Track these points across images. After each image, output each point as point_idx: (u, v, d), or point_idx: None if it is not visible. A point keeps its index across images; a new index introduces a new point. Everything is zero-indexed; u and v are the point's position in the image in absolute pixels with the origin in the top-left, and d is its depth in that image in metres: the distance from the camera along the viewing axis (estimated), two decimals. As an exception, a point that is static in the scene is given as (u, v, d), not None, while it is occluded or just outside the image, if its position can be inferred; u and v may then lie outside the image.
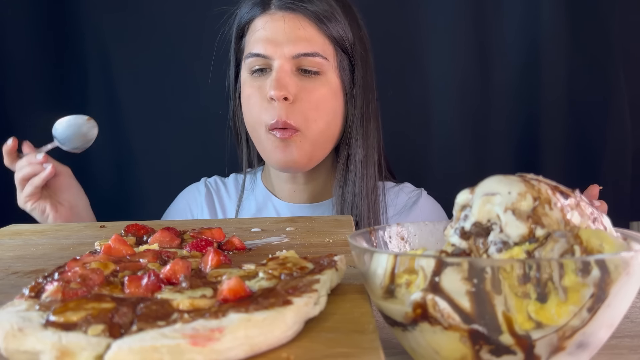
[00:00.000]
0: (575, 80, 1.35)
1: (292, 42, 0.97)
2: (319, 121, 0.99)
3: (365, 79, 1.04)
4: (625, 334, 0.53)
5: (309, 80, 0.98)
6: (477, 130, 1.38)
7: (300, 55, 0.97)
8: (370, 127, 1.04)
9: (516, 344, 0.39)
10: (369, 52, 1.06)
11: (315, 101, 0.98)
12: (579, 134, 1.37)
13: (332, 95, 1.01)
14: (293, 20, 0.98)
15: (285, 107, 0.96)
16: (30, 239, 0.71)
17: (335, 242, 0.65)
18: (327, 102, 1.00)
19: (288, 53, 0.97)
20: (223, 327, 0.33)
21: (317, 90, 0.98)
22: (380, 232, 0.53)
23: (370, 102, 1.04)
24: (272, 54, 0.97)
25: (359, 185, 1.01)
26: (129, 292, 0.41)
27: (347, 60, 1.02)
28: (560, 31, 1.34)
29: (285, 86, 0.96)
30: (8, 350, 0.34)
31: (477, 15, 1.36)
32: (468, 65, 1.37)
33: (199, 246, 0.56)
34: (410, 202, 1.11)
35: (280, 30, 0.97)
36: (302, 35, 0.97)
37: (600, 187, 0.86)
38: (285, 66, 0.97)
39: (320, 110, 0.99)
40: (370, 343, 0.34)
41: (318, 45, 0.98)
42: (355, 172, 1.02)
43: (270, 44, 0.98)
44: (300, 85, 0.97)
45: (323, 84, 0.99)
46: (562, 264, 0.38)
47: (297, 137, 0.98)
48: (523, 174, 0.45)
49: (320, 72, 0.99)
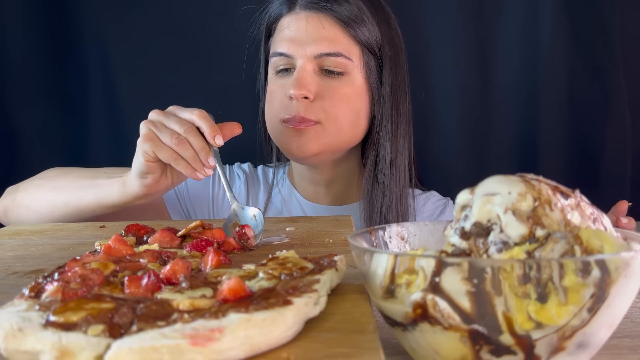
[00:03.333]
0: (575, 80, 1.35)
1: (314, 42, 0.96)
2: (339, 118, 0.98)
3: (395, 81, 1.02)
4: (625, 334, 0.53)
5: (332, 80, 0.98)
6: (477, 130, 1.38)
7: (323, 55, 0.96)
8: (400, 131, 1.02)
9: (516, 344, 0.39)
10: (401, 53, 1.04)
11: (337, 99, 0.98)
12: (579, 134, 1.37)
13: (357, 95, 1.00)
14: (316, 20, 0.97)
15: (304, 105, 0.96)
16: (30, 239, 0.72)
17: (335, 242, 0.65)
18: (350, 101, 0.99)
19: (310, 53, 0.96)
20: (223, 327, 0.33)
21: (340, 89, 0.98)
22: (380, 232, 0.53)
23: (400, 104, 1.03)
24: (295, 53, 0.97)
25: (388, 190, 1.00)
26: (129, 292, 0.41)
27: (375, 61, 1.01)
28: (561, 32, 1.34)
29: (306, 85, 0.96)
30: (8, 350, 0.34)
31: (477, 16, 1.36)
32: (468, 66, 1.37)
33: (199, 246, 0.56)
34: (437, 211, 1.11)
35: (303, 29, 0.97)
36: (325, 35, 0.97)
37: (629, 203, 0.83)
38: (307, 66, 0.97)
39: (342, 108, 0.98)
40: (370, 343, 0.34)
41: (341, 45, 0.97)
42: (384, 176, 1.01)
43: (293, 43, 0.98)
44: (322, 85, 0.97)
45: (347, 84, 0.98)
46: (562, 264, 0.38)
47: (314, 129, 0.97)
48: (523, 174, 0.45)
49: (344, 73, 0.98)
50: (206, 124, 0.77)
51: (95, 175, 0.94)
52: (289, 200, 1.12)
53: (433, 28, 1.37)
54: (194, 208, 1.11)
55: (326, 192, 1.10)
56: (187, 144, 0.76)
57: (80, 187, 0.92)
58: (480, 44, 1.37)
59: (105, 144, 1.40)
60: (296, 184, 1.12)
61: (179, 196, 1.11)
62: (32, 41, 1.37)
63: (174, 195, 1.10)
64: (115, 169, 0.94)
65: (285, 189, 1.13)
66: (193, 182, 1.11)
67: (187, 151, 0.76)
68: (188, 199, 1.11)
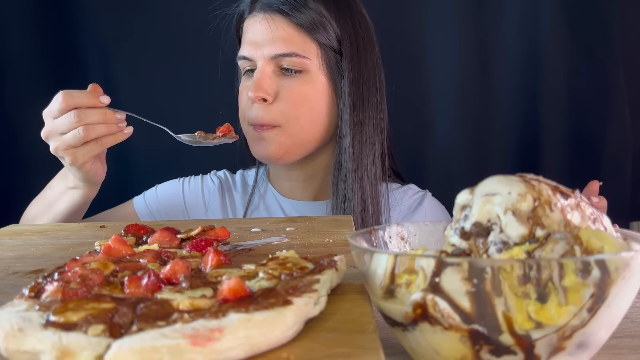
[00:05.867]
0: (575, 81, 1.35)
1: (270, 43, 0.98)
2: (300, 118, 0.99)
3: (359, 76, 1.01)
4: (625, 334, 0.53)
5: (290, 80, 0.99)
6: (477, 130, 1.38)
7: (279, 56, 0.98)
8: (366, 125, 1.02)
9: (516, 344, 0.39)
10: (368, 46, 1.04)
11: (295, 99, 0.98)
12: (579, 134, 1.37)
13: (318, 93, 1.00)
14: (272, 21, 0.99)
15: (263, 108, 0.99)
16: (30, 239, 0.71)
17: (335, 242, 0.65)
18: (310, 100, 1.00)
19: (267, 54, 0.98)
20: (223, 327, 0.33)
21: (298, 88, 0.99)
22: (380, 232, 0.53)
23: (366, 98, 1.02)
24: (254, 55, 1.00)
25: (350, 184, 1.00)
26: (129, 292, 0.41)
27: (336, 58, 1.01)
28: (560, 31, 1.34)
29: (264, 87, 0.98)
30: (8, 350, 0.34)
31: (477, 15, 1.36)
32: (468, 65, 1.37)
33: (199, 246, 0.56)
34: (415, 204, 1.11)
35: (260, 32, 0.99)
36: (280, 36, 0.98)
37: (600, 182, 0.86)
38: (265, 67, 0.99)
39: (301, 108, 0.99)
40: (370, 343, 0.34)
41: (296, 45, 0.98)
42: (347, 171, 1.01)
43: (252, 45, 1.00)
44: (281, 85, 0.99)
45: (305, 82, 0.99)
46: (562, 264, 0.38)
47: (274, 132, 0.99)
48: (523, 174, 0.45)
49: (302, 71, 0.99)
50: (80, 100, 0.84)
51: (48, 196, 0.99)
52: (267, 198, 1.13)
53: (433, 28, 1.37)
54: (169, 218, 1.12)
55: (303, 188, 1.11)
56: (90, 126, 0.84)
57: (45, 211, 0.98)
58: (480, 44, 1.37)
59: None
60: (273, 182, 1.14)
61: (152, 212, 1.13)
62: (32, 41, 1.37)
63: (147, 212, 1.13)
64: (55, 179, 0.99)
65: (263, 188, 1.15)
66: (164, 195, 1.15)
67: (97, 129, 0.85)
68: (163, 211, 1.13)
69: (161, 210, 1.13)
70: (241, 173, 1.20)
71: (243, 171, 1.20)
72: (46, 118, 0.87)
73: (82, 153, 0.86)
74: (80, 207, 0.97)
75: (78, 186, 0.93)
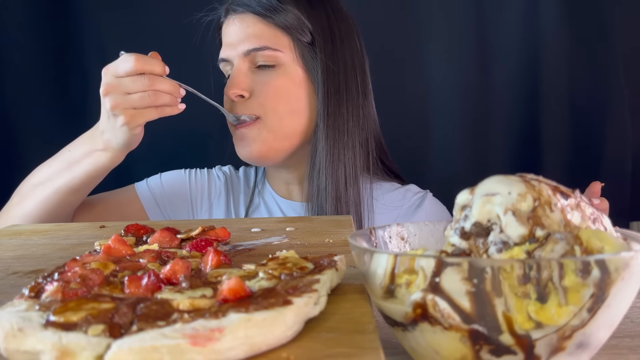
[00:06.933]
0: (575, 80, 1.35)
1: (242, 41, 1.00)
2: (278, 109, 1.00)
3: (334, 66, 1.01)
4: (625, 334, 0.53)
5: (265, 74, 1.00)
6: (477, 130, 1.38)
7: (251, 51, 1.00)
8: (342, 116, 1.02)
9: (516, 344, 0.39)
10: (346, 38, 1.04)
11: (271, 92, 1.00)
12: (579, 134, 1.37)
13: (294, 85, 1.01)
14: (241, 20, 1.02)
15: (241, 103, 1.00)
16: (30, 239, 0.71)
17: (335, 242, 0.65)
18: (287, 92, 1.01)
19: (240, 51, 1.00)
20: (223, 327, 0.33)
21: (273, 82, 1.00)
22: (380, 232, 0.53)
23: (342, 90, 1.02)
24: (229, 56, 1.02)
25: (324, 175, 1.00)
26: (129, 292, 0.41)
27: (310, 50, 1.02)
28: (560, 31, 1.34)
29: (238, 84, 0.99)
30: (8, 350, 0.34)
31: (477, 15, 1.36)
32: (468, 65, 1.37)
33: (199, 246, 0.56)
34: (415, 204, 1.10)
35: (233, 32, 1.02)
36: (250, 32, 1.00)
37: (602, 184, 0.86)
38: (241, 65, 1.01)
39: (279, 99, 1.00)
40: (370, 343, 0.34)
41: (267, 39, 1.00)
42: (320, 162, 1.01)
43: (228, 47, 1.03)
44: (256, 80, 1.00)
45: (280, 75, 1.00)
46: (562, 264, 0.38)
47: (256, 127, 1.00)
48: (523, 174, 0.45)
49: (276, 65, 1.00)
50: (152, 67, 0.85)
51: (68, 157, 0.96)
52: (266, 198, 1.13)
53: (433, 28, 1.37)
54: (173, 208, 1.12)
55: (299, 189, 1.11)
56: (160, 93, 0.86)
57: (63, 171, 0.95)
58: (480, 44, 1.37)
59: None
60: (271, 182, 1.15)
61: (156, 199, 1.12)
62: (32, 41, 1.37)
63: (151, 198, 1.11)
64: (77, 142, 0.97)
65: (262, 188, 1.15)
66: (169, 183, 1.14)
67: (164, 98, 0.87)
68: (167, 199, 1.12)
69: (165, 198, 1.12)
70: (244, 170, 1.20)
71: (245, 168, 1.20)
72: (108, 75, 0.87)
73: (141, 116, 0.87)
74: (101, 172, 0.95)
75: (110, 149, 0.92)
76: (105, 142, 0.91)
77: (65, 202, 0.97)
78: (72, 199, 0.98)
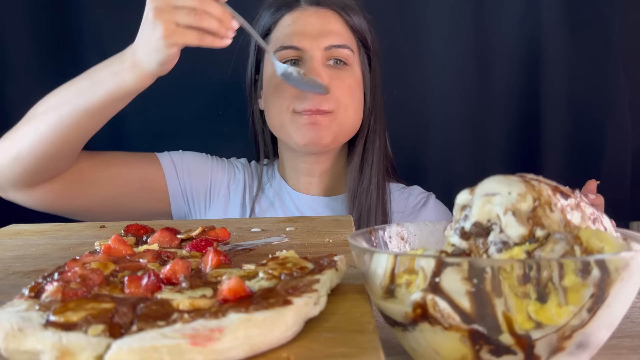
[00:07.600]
0: (575, 80, 1.35)
1: (323, 35, 1.03)
2: (349, 108, 1.05)
3: (376, 75, 1.10)
4: (625, 334, 0.53)
5: (339, 71, 1.04)
6: (477, 130, 1.38)
7: (332, 47, 1.03)
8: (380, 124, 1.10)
9: (516, 344, 0.39)
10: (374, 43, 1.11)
11: (345, 89, 1.04)
12: (579, 134, 1.36)
13: (357, 86, 1.07)
14: (323, 14, 1.05)
15: (319, 96, 1.01)
16: (30, 239, 0.72)
17: (335, 242, 0.65)
18: (355, 92, 1.06)
19: (321, 45, 1.02)
20: (223, 327, 0.33)
21: (346, 79, 1.05)
22: (380, 232, 0.53)
23: (379, 97, 1.11)
24: (306, 46, 1.03)
25: (374, 183, 1.06)
26: (129, 292, 0.41)
27: (366, 54, 1.09)
28: (560, 31, 1.34)
29: (321, 75, 1.00)
30: (8, 350, 0.34)
31: (477, 15, 1.36)
32: (468, 65, 1.37)
33: (199, 246, 0.56)
34: (419, 205, 1.13)
35: (312, 24, 1.04)
36: (333, 29, 1.04)
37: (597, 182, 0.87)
38: (319, 58, 1.03)
39: (349, 98, 1.05)
40: (370, 343, 0.34)
41: (346, 38, 1.05)
42: (371, 169, 1.07)
43: (303, 36, 1.03)
44: (332, 75, 1.03)
45: (350, 74, 1.05)
46: (562, 264, 0.38)
47: (329, 118, 1.03)
48: (523, 174, 0.45)
49: (347, 64, 1.05)
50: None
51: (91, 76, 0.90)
52: (280, 193, 1.13)
53: (433, 28, 1.37)
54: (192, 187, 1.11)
55: (318, 182, 1.12)
56: (207, 15, 0.80)
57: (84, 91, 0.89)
58: (480, 44, 1.37)
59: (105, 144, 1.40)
60: (287, 177, 1.14)
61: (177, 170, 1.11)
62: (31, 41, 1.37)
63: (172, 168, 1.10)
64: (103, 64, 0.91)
65: (276, 183, 1.15)
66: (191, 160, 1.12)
67: (211, 22, 0.80)
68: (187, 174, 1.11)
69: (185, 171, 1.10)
70: (255, 165, 1.20)
71: (256, 163, 1.20)
72: None
73: (181, 36, 0.81)
74: (125, 94, 0.88)
75: (138, 67, 0.85)
76: (135, 60, 0.85)
77: (81, 126, 0.91)
78: (90, 123, 0.91)
